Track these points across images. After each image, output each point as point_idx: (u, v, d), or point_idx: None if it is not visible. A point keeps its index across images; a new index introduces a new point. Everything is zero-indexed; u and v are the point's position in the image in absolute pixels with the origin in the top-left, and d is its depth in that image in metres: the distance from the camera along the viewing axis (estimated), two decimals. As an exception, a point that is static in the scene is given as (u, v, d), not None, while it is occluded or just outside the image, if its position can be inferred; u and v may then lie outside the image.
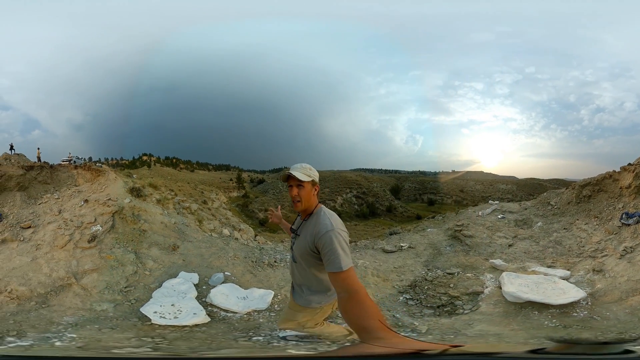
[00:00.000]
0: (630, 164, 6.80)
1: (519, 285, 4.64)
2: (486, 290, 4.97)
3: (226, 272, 5.49)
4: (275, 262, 6.01)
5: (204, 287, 5.00)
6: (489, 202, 10.76)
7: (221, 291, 4.67)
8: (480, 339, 3.70)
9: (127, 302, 4.59)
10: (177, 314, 4.06)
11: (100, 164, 10.32)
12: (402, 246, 7.23)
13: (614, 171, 7.11)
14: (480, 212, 9.23)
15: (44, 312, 4.27)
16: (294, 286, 2.76)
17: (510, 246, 6.66)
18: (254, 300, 4.51)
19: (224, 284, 5.03)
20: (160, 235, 6.45)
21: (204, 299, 4.62)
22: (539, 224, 7.63)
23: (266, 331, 3.82)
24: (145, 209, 7.03)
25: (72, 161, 8.94)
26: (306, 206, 2.43)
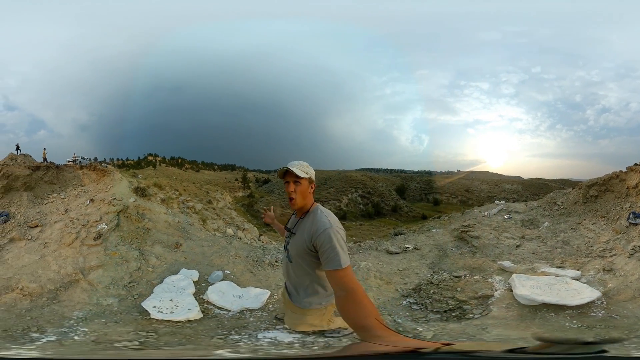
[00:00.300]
0: (636, 164, 6.74)
1: (531, 287, 4.52)
2: (496, 293, 4.82)
3: (226, 271, 5.52)
4: (276, 261, 6.01)
5: (203, 284, 5.05)
6: (495, 202, 10.67)
7: (218, 288, 4.73)
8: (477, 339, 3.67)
9: (130, 297, 4.71)
10: (173, 309, 4.16)
11: (105, 164, 10.43)
12: (407, 247, 7.11)
13: (620, 171, 7.04)
14: (486, 212, 9.15)
15: (56, 307, 4.38)
16: (288, 288, 2.68)
17: (517, 247, 6.55)
18: (249, 299, 4.54)
19: (222, 281, 5.08)
20: (163, 233, 6.54)
21: (201, 296, 4.68)
22: (546, 224, 7.56)
23: (250, 331, 3.83)
24: (149, 208, 7.10)
25: (77, 161, 9.04)
26: (302, 204, 2.40)
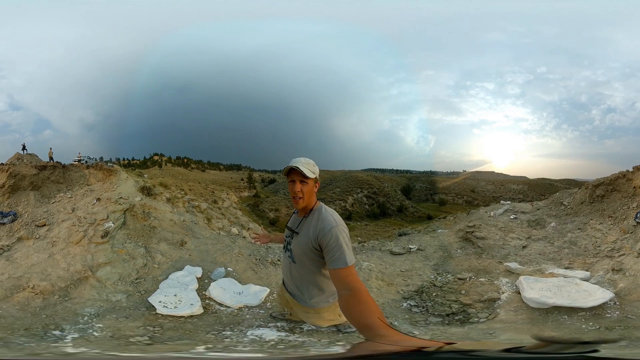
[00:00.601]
0: (643, 163, 6.67)
1: (540, 289, 4.39)
2: (503, 296, 4.68)
3: (228, 268, 5.59)
4: (278, 260, 6.01)
5: (206, 280, 5.14)
6: (501, 202, 10.57)
7: (220, 285, 4.83)
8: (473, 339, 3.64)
9: (137, 292, 4.82)
10: (177, 304, 4.28)
11: (111, 164, 10.52)
12: (411, 248, 7.01)
13: (627, 171, 6.96)
14: (492, 213, 9.07)
15: (68, 304, 4.46)
16: (290, 288, 2.64)
17: (524, 247, 6.45)
18: (248, 296, 4.61)
19: (223, 278, 5.16)
20: (169, 231, 6.61)
21: (204, 292, 4.78)
22: (553, 224, 7.48)
23: (242, 327, 3.92)
24: (155, 207, 7.16)
25: (83, 161, 9.13)
26: (308, 202, 2.36)
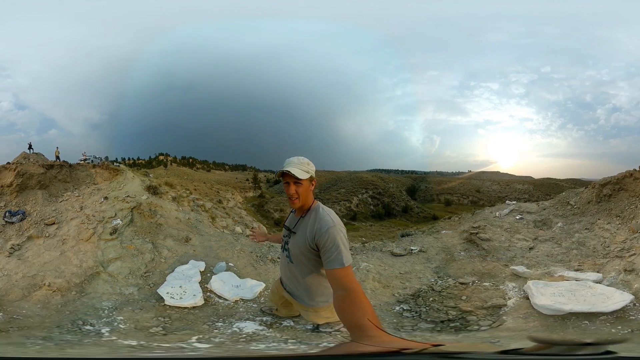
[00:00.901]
0: (651, 162, 6.59)
1: (551, 295, 4.14)
2: (509, 302, 4.41)
3: (230, 263, 5.76)
4: (278, 258, 6.07)
5: (208, 274, 5.33)
6: (506, 202, 10.49)
7: (220, 278, 5.06)
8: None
9: (147, 285, 5.02)
10: (182, 295, 4.53)
11: (117, 164, 10.61)
12: (412, 249, 6.84)
13: (634, 170, 6.88)
14: (497, 213, 8.99)
15: (85, 300, 4.61)
16: (288, 288, 2.67)
17: (531, 249, 6.27)
18: (244, 289, 4.83)
19: (224, 272, 5.37)
20: (174, 228, 6.75)
21: (206, 285, 4.98)
22: (559, 224, 7.40)
23: (232, 319, 4.13)
24: (161, 205, 7.28)
25: (89, 160, 9.21)
26: (304, 202, 2.35)
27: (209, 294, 4.80)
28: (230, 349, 3.35)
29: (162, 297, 4.49)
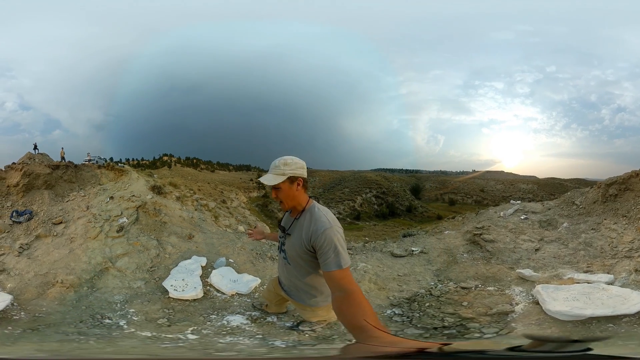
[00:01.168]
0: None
1: (564, 299, 3.87)
2: (517, 308, 4.14)
3: (230, 259, 5.89)
4: (277, 256, 6.09)
5: (209, 269, 5.47)
6: (511, 202, 10.41)
7: (219, 273, 5.24)
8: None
9: (153, 279, 5.20)
10: (184, 287, 4.73)
11: (122, 164, 10.68)
12: (413, 250, 6.59)
13: (640, 169, 6.84)
14: (501, 213, 8.90)
15: (98, 294, 4.74)
16: (286, 287, 2.69)
17: (537, 250, 6.07)
18: (241, 284, 4.98)
19: (224, 267, 5.53)
20: (178, 226, 6.89)
21: (206, 279, 5.14)
22: (565, 224, 7.33)
23: (225, 313, 4.29)
24: (165, 204, 7.38)
25: (93, 161, 9.27)
26: (293, 204, 2.32)
27: (208, 287, 4.95)
28: (209, 343, 3.49)
29: (166, 290, 4.68)
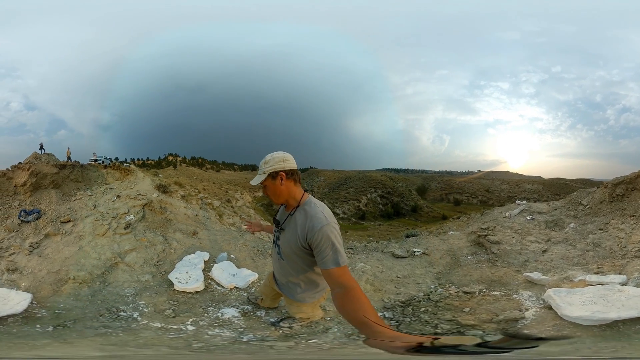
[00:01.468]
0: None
1: (581, 303, 3.71)
2: (527, 314, 3.87)
3: (231, 255, 6.04)
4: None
5: (211, 264, 5.63)
6: (516, 202, 10.31)
7: (220, 267, 5.42)
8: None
9: (159, 273, 5.38)
10: (188, 280, 4.93)
11: (127, 164, 10.76)
12: (415, 252, 6.40)
13: (647, 169, 6.78)
14: (507, 213, 8.80)
15: (110, 288, 4.89)
16: (280, 282, 2.70)
17: (544, 252, 5.90)
18: (239, 278, 5.13)
19: (225, 261, 5.70)
20: (183, 224, 7.04)
21: (208, 273, 5.31)
22: (572, 225, 7.25)
23: (221, 305, 4.41)
24: (170, 203, 7.51)
25: (99, 161, 9.36)
26: (284, 199, 2.29)
27: (209, 281, 5.11)
28: (199, 334, 3.59)
29: (172, 282, 4.88)
